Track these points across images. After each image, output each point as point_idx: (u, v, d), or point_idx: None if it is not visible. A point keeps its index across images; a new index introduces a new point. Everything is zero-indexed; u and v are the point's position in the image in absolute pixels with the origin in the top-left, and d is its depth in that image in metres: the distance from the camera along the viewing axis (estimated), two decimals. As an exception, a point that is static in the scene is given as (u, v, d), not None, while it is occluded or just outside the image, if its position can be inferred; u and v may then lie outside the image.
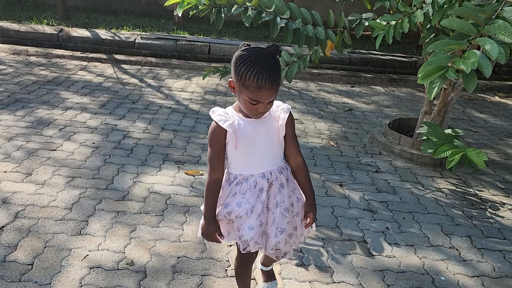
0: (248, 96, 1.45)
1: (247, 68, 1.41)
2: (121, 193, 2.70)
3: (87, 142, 3.38)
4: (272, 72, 1.42)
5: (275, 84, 1.43)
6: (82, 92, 4.56)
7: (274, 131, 1.59)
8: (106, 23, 7.15)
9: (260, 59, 1.41)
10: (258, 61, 1.41)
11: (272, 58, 1.44)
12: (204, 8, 2.87)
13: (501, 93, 6.03)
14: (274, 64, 1.43)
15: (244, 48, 1.47)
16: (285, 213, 1.62)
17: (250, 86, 1.42)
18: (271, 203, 1.61)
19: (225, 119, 1.54)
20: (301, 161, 1.68)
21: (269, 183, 1.59)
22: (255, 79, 1.40)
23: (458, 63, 1.79)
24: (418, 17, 2.92)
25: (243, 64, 1.42)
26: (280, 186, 1.61)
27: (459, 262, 2.34)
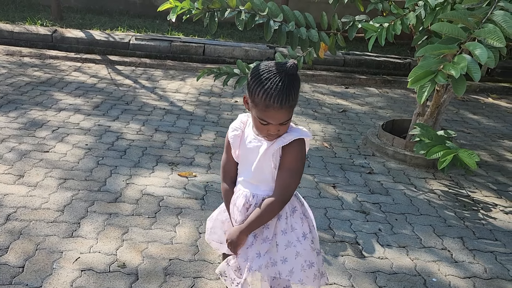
0: (257, 115, 1.35)
1: (257, 83, 1.31)
2: (114, 195, 2.70)
3: (80, 143, 3.37)
4: (283, 90, 1.28)
5: (285, 105, 1.30)
6: (75, 93, 4.54)
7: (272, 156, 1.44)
8: (101, 24, 7.13)
9: (273, 74, 1.29)
10: (269, 77, 1.29)
11: (286, 75, 1.30)
12: (197, 12, 2.87)
13: (494, 95, 6.06)
14: (288, 83, 1.29)
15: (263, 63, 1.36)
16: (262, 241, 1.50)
17: (259, 104, 1.32)
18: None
19: (236, 128, 1.49)
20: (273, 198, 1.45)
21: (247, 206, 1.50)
22: (263, 97, 1.30)
23: (447, 67, 1.79)
24: (410, 19, 2.93)
25: (254, 78, 1.33)
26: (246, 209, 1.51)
27: (451, 264, 2.35)
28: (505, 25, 2.01)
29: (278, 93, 1.28)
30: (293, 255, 1.48)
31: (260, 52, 6.28)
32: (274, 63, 1.33)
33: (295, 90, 1.33)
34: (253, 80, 1.33)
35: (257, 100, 1.31)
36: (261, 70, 1.32)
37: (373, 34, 2.97)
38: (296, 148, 1.42)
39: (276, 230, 1.50)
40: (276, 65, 1.32)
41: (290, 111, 1.34)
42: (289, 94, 1.30)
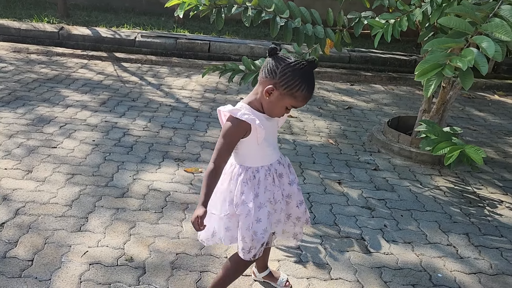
0: (292, 104, 1.58)
1: (300, 81, 1.53)
2: (121, 190, 2.72)
3: (87, 139, 3.40)
4: (314, 85, 1.59)
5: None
6: (82, 90, 4.57)
7: (276, 121, 1.74)
8: (107, 21, 7.16)
9: (308, 74, 1.54)
10: (308, 76, 1.54)
11: (312, 73, 1.57)
12: (204, 8, 2.88)
13: (501, 92, 6.04)
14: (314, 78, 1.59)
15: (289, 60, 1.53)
16: (298, 186, 1.82)
17: (299, 96, 1.55)
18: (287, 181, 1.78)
19: (253, 118, 1.58)
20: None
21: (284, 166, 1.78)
22: (306, 92, 1.55)
23: (454, 60, 1.80)
24: (416, 16, 2.93)
25: (296, 76, 1.52)
26: (289, 166, 1.82)
27: (456, 259, 2.36)
28: (512, 20, 2.01)
29: (313, 88, 1.58)
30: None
31: (266, 49, 6.28)
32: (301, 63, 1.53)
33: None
34: (295, 78, 1.52)
35: (298, 93, 1.54)
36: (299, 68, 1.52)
37: (379, 31, 2.97)
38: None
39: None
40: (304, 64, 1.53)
41: None
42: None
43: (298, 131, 4.03)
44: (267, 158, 1.71)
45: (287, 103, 1.58)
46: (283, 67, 1.53)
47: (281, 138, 3.81)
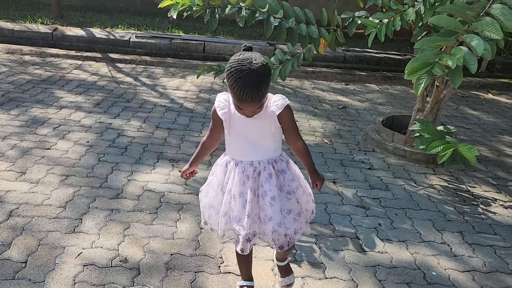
0: (234, 102, 1.61)
1: (234, 80, 1.52)
2: (115, 191, 2.72)
3: (81, 140, 3.39)
4: (254, 88, 1.51)
5: (256, 99, 1.53)
6: (76, 91, 4.56)
7: (266, 125, 1.67)
8: (101, 22, 7.14)
9: (245, 73, 1.50)
10: (243, 76, 1.50)
11: (257, 74, 1.51)
12: (198, 9, 2.89)
13: (495, 90, 6.07)
14: (258, 80, 1.51)
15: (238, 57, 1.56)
16: (272, 201, 1.70)
17: (235, 96, 1.55)
18: (260, 191, 1.72)
19: (223, 106, 1.67)
20: (301, 145, 1.78)
21: (257, 171, 1.71)
22: (238, 92, 1.52)
23: (444, 59, 1.81)
24: (410, 15, 2.94)
25: (231, 74, 1.53)
26: (269, 175, 1.71)
27: (450, 258, 2.37)
28: (503, 19, 2.03)
29: (250, 91, 1.51)
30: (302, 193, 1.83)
31: (260, 49, 6.29)
32: (246, 62, 1.52)
33: (265, 85, 1.55)
34: (229, 77, 1.54)
35: (233, 93, 1.55)
36: (236, 66, 1.52)
37: (373, 30, 2.98)
38: (286, 111, 1.65)
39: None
40: (249, 64, 1.51)
41: (260, 101, 1.56)
42: (258, 90, 1.52)
43: (293, 131, 4.03)
44: (238, 153, 1.73)
45: (233, 100, 1.60)
46: (228, 64, 1.56)
47: (276, 138, 3.81)
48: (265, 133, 1.68)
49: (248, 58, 1.53)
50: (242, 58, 1.54)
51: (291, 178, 1.76)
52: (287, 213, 1.75)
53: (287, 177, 1.75)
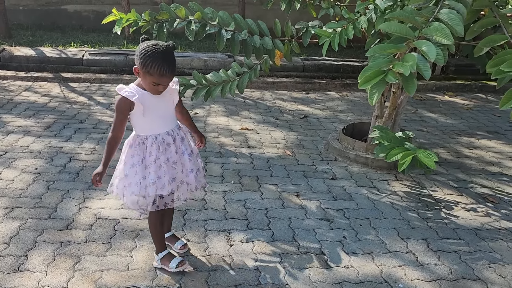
0: (153, 81, 1.88)
1: (152, 61, 1.83)
2: (65, 222, 2.54)
3: (29, 168, 3.18)
4: (171, 63, 1.87)
5: (174, 72, 1.90)
6: (25, 114, 4.32)
7: (170, 98, 2.05)
8: (52, 40, 6.89)
9: (161, 53, 1.84)
10: (159, 55, 1.83)
11: (169, 52, 1.86)
12: (144, 24, 2.77)
13: (450, 92, 6.21)
14: (172, 57, 1.88)
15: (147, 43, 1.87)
16: (190, 157, 2.11)
17: (154, 74, 1.85)
18: (179, 152, 2.08)
19: (133, 94, 1.94)
20: (185, 109, 2.23)
21: (173, 138, 2.06)
22: (158, 69, 1.83)
23: (397, 66, 1.77)
24: (362, 23, 2.93)
25: (148, 58, 1.83)
26: (181, 139, 2.10)
27: (417, 267, 2.33)
28: (451, 23, 2.02)
29: (168, 66, 1.85)
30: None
31: (219, 62, 6.21)
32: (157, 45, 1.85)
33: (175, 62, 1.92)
34: (146, 60, 1.84)
35: (153, 71, 1.84)
36: (151, 51, 1.84)
37: (326, 40, 2.95)
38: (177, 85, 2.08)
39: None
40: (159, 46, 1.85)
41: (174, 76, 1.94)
42: (174, 65, 1.91)
43: (254, 143, 3.96)
44: (155, 128, 2.03)
45: (150, 81, 1.88)
46: (140, 51, 1.86)
47: (237, 152, 3.72)
48: (171, 106, 2.06)
49: (156, 43, 1.87)
50: (151, 43, 1.86)
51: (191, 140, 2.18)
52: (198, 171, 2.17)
53: (189, 140, 2.17)
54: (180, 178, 2.09)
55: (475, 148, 4.12)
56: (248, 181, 3.22)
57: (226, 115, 4.71)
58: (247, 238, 2.50)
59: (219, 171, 3.34)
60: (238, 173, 3.33)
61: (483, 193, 3.22)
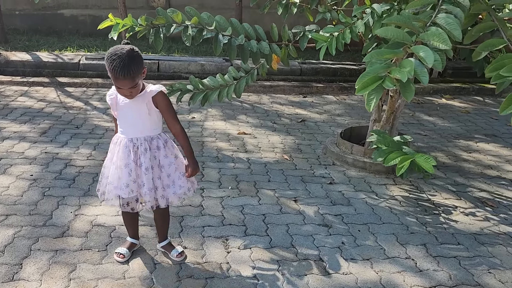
0: (113, 83, 1.94)
1: (109, 63, 1.87)
2: (61, 229, 2.51)
3: (25, 174, 3.15)
4: (125, 66, 1.84)
5: (127, 76, 1.86)
6: (21, 119, 4.29)
7: (142, 107, 2.01)
8: (49, 45, 6.86)
9: (117, 56, 1.84)
10: (115, 58, 1.85)
11: (126, 55, 1.85)
12: (141, 29, 2.75)
13: (448, 95, 6.21)
14: (128, 61, 1.85)
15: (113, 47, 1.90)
16: (146, 171, 2.06)
17: (111, 76, 1.90)
18: (138, 163, 2.06)
19: (111, 93, 2.07)
20: (178, 129, 2.11)
21: (136, 146, 2.05)
22: (113, 72, 1.86)
23: (394, 72, 1.75)
24: (359, 28, 2.92)
25: (107, 59, 1.88)
26: (144, 150, 2.05)
27: (416, 273, 2.31)
28: (449, 28, 2.00)
29: (121, 69, 1.84)
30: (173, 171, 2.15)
31: (217, 66, 6.20)
32: (118, 48, 1.88)
33: (134, 65, 1.88)
34: (106, 62, 1.88)
35: (110, 74, 1.90)
36: (110, 53, 1.88)
37: (324, 44, 2.93)
38: (161, 97, 2.03)
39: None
40: (121, 49, 1.87)
41: (134, 80, 1.90)
42: (129, 69, 1.85)
43: (252, 148, 3.94)
44: (123, 131, 2.09)
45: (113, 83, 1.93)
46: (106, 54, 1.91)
47: (235, 157, 3.70)
48: (142, 114, 2.02)
49: (120, 46, 1.90)
50: (115, 46, 1.90)
51: (164, 154, 2.09)
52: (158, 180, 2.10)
53: (161, 154, 2.09)
54: (133, 188, 2.08)
55: (473, 152, 4.11)
56: (246, 186, 3.19)
57: (224, 119, 4.69)
58: (244, 244, 2.47)
59: (216, 176, 3.32)
60: (236, 178, 3.31)
61: (481, 197, 3.20)
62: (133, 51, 1.88)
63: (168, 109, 2.06)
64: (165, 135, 2.15)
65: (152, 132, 2.08)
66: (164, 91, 2.05)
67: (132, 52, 1.87)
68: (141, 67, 1.92)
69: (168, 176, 2.12)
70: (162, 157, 2.10)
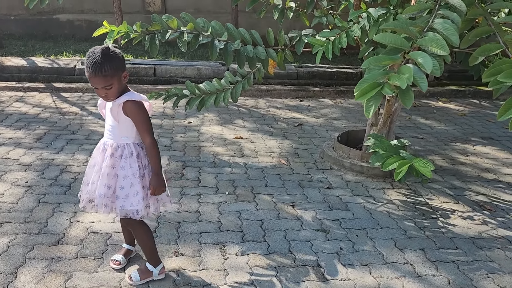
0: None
1: (85, 62, 1.87)
2: (56, 237, 2.48)
3: (20, 181, 3.12)
4: (97, 64, 1.82)
5: (99, 74, 1.83)
6: (16, 125, 4.26)
7: (114, 113, 1.97)
8: (44, 50, 6.83)
9: (91, 54, 1.84)
10: (89, 57, 1.84)
11: (101, 53, 1.82)
12: (136, 35, 2.74)
13: (444, 98, 6.22)
14: (101, 60, 1.82)
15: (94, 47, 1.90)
16: (101, 177, 2.02)
17: (86, 74, 1.88)
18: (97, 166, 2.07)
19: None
20: (147, 143, 1.99)
21: (104, 149, 2.05)
22: (86, 70, 1.86)
23: (393, 79, 1.75)
24: (355, 32, 2.92)
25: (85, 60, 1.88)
26: (110, 155, 2.01)
27: (414, 279, 2.29)
28: (446, 33, 2.00)
29: (93, 67, 1.83)
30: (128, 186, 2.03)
31: (213, 70, 6.19)
32: (94, 48, 1.86)
33: (108, 65, 1.83)
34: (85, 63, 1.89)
35: (85, 72, 1.88)
36: (89, 50, 1.88)
37: (320, 49, 2.93)
38: (133, 107, 1.94)
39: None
40: (94, 49, 1.86)
41: (106, 79, 1.85)
42: (101, 68, 1.82)
43: (249, 153, 3.92)
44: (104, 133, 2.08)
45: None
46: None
47: (231, 162, 3.69)
48: (112, 120, 1.99)
49: (98, 46, 1.87)
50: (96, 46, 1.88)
51: (122, 166, 2.01)
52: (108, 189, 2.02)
53: (121, 164, 2.01)
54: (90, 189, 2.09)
55: (470, 155, 4.11)
56: (243, 191, 3.18)
57: (220, 124, 4.68)
58: (242, 251, 2.46)
59: (213, 182, 3.30)
60: (233, 184, 3.29)
61: (479, 201, 3.20)
62: (109, 50, 1.85)
63: (138, 120, 1.95)
64: (137, 148, 2.02)
65: (120, 140, 2.01)
66: (134, 101, 1.92)
67: (107, 50, 1.84)
68: (117, 69, 1.86)
69: (121, 188, 2.01)
70: (119, 168, 2.01)
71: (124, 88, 1.96)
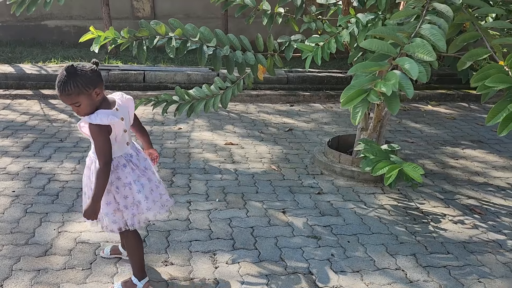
0: None
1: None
2: (43, 247, 2.44)
3: (6, 190, 3.07)
4: (60, 84, 1.81)
5: (63, 93, 1.82)
6: (3, 134, 4.20)
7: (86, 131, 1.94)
8: (32, 56, 6.77)
9: (59, 73, 1.84)
10: (59, 74, 1.84)
11: (66, 74, 1.80)
12: (123, 41, 2.71)
13: (433, 102, 6.26)
14: (65, 79, 1.80)
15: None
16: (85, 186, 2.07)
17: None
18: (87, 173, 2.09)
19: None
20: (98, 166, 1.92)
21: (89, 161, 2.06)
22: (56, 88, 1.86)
23: (379, 85, 1.74)
24: (344, 37, 2.92)
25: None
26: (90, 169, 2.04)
27: (406, 285, 2.28)
28: (433, 39, 2.01)
29: (57, 85, 1.83)
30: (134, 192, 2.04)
31: (203, 76, 6.17)
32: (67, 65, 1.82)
33: (72, 84, 1.80)
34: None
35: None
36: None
37: (309, 54, 2.93)
38: (91, 128, 1.89)
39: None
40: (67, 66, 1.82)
41: (71, 98, 1.83)
42: (64, 87, 1.81)
43: (239, 159, 3.90)
44: None
45: None
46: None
47: (222, 168, 3.66)
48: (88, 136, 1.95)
49: (69, 64, 1.83)
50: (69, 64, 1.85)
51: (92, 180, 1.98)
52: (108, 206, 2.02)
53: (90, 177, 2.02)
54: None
55: (460, 158, 4.13)
56: (233, 198, 3.16)
57: (210, 130, 4.66)
58: (232, 259, 2.43)
59: (203, 189, 3.28)
60: (223, 190, 3.27)
61: (469, 205, 3.21)
62: (74, 68, 1.80)
63: (95, 143, 1.90)
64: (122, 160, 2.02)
65: (94, 154, 1.99)
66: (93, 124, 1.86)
67: (72, 69, 1.80)
68: (81, 87, 1.80)
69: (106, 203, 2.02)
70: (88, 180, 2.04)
71: (100, 104, 1.90)
